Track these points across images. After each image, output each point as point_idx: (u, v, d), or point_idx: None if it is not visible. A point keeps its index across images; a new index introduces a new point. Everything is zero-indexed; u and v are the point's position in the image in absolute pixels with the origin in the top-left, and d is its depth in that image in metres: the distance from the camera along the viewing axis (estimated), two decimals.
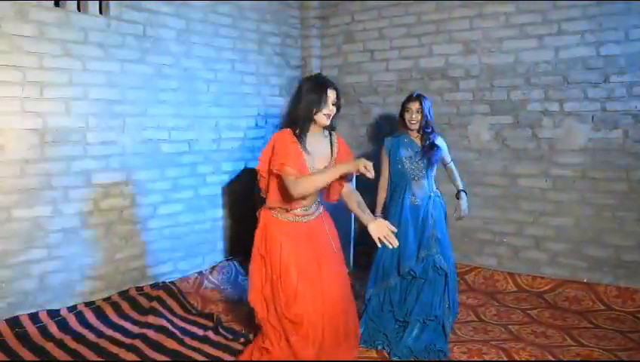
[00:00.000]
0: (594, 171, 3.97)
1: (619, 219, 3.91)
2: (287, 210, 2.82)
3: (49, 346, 3.13)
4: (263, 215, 2.87)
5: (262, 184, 2.85)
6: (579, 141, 4.02)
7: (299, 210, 2.83)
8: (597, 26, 3.87)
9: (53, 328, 3.30)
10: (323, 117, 2.74)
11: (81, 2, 3.57)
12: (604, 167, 3.93)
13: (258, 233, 2.87)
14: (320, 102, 2.70)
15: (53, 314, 3.40)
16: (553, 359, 3.04)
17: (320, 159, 2.79)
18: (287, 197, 2.74)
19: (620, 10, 3.78)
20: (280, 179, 2.71)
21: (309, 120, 2.74)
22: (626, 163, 3.85)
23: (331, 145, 2.88)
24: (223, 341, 3.28)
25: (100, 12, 3.65)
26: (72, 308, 3.51)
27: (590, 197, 4.01)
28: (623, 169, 3.86)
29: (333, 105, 2.75)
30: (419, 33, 4.68)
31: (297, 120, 2.74)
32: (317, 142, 2.80)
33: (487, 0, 4.32)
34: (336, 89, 2.76)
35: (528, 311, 3.80)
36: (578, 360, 3.04)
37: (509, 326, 3.54)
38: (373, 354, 3.19)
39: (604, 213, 3.96)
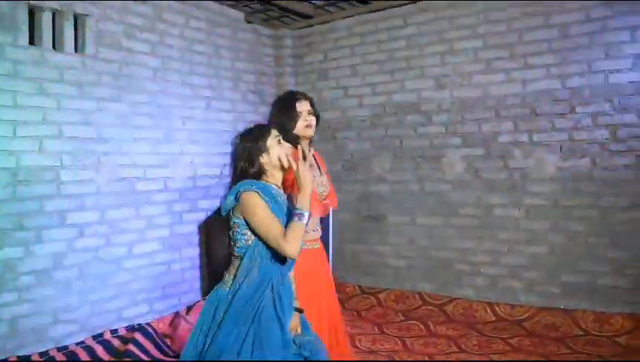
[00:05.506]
0: (565, 199, 4.07)
1: (591, 245, 4.00)
2: None
3: None
4: None
5: None
6: (549, 170, 4.13)
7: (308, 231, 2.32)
8: (562, 60, 4.04)
9: None
10: (304, 129, 2.49)
11: (57, 40, 3.57)
12: (575, 194, 4.04)
13: None
14: (291, 118, 2.45)
15: (24, 360, 3.25)
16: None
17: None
18: None
19: (582, 44, 3.96)
20: None
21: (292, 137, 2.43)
22: (595, 190, 3.96)
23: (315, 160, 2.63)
24: None
25: (76, 50, 3.64)
26: (43, 354, 3.36)
27: (562, 224, 4.09)
28: (593, 196, 3.97)
29: (310, 114, 2.53)
30: (391, 69, 4.81)
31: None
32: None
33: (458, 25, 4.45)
34: (307, 98, 2.56)
35: (509, 340, 3.81)
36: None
37: (491, 356, 3.54)
38: None
39: (577, 239, 4.04)
